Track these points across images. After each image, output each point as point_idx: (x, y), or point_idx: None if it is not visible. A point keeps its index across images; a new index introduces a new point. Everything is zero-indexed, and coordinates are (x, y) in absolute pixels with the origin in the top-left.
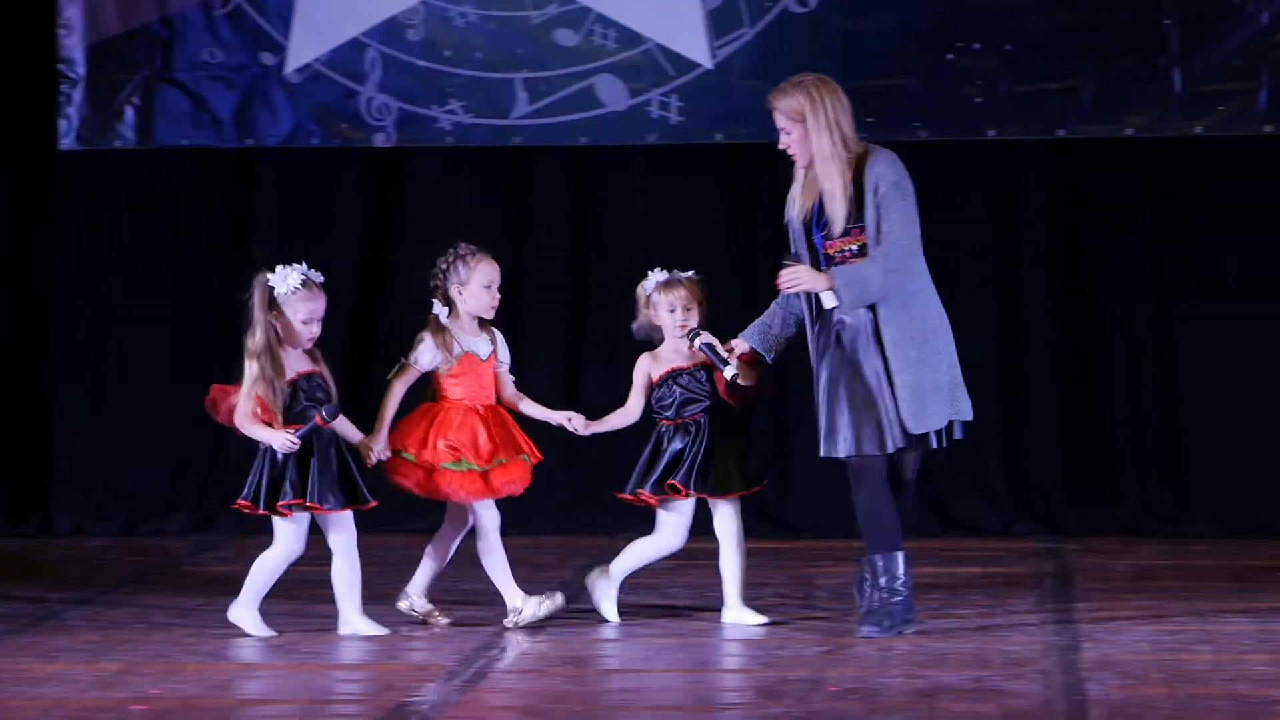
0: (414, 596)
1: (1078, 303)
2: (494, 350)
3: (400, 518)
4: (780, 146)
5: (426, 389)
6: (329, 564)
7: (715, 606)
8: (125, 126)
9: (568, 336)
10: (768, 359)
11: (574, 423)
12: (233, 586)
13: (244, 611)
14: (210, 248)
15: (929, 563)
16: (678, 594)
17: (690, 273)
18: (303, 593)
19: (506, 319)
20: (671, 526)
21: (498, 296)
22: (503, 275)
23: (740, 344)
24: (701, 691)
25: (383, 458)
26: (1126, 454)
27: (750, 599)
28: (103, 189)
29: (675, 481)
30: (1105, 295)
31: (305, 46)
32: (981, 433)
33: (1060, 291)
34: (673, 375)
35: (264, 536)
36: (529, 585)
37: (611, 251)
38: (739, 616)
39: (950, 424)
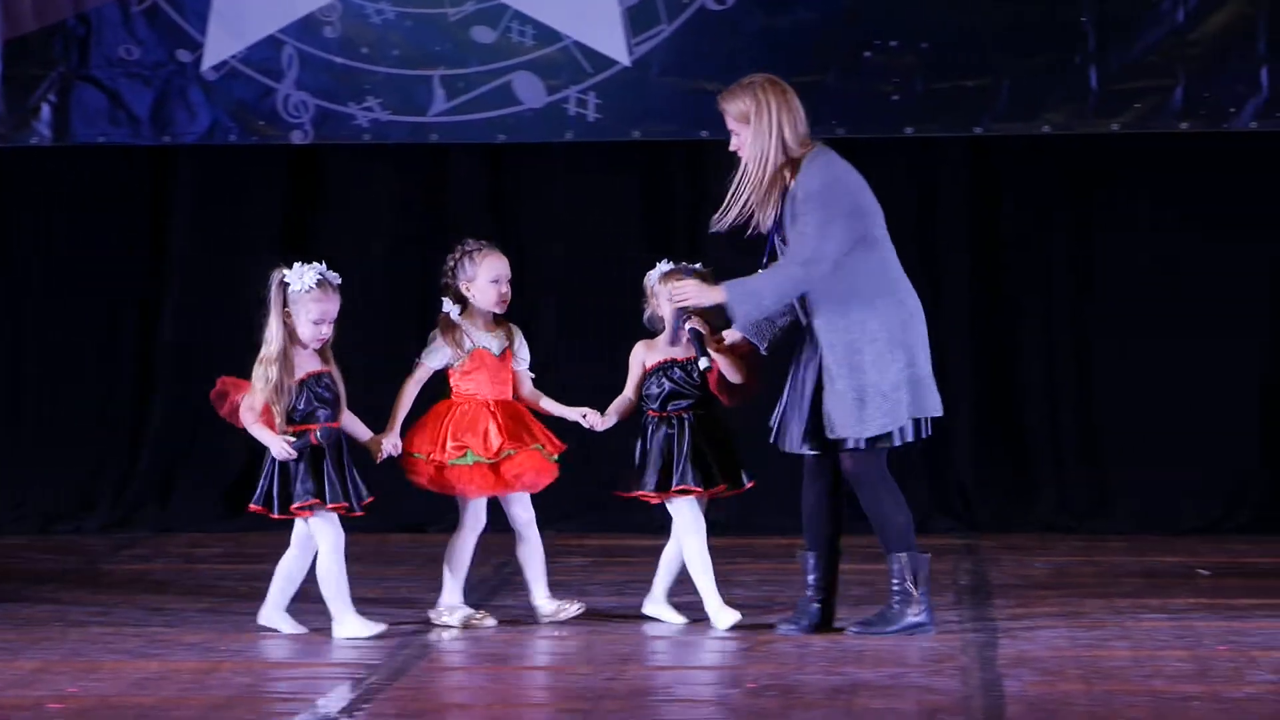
0: (541, 600)
1: (994, 300)
2: (509, 347)
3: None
4: (731, 148)
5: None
6: (245, 561)
7: (637, 604)
8: (41, 124)
9: None
10: (762, 349)
11: (589, 419)
12: (151, 585)
13: (349, 622)
14: (127, 245)
15: (846, 559)
16: (597, 590)
17: (698, 265)
18: (220, 590)
19: (426, 315)
20: (686, 521)
21: (507, 291)
22: (420, 272)
23: (733, 334)
24: (620, 687)
25: (394, 454)
26: (1043, 451)
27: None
28: (19, 186)
29: (689, 485)
30: (1022, 292)
31: (222, 44)
32: None
33: (977, 289)
34: (664, 367)
35: (180, 534)
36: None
37: (529, 249)
38: (662, 612)
39: (917, 421)
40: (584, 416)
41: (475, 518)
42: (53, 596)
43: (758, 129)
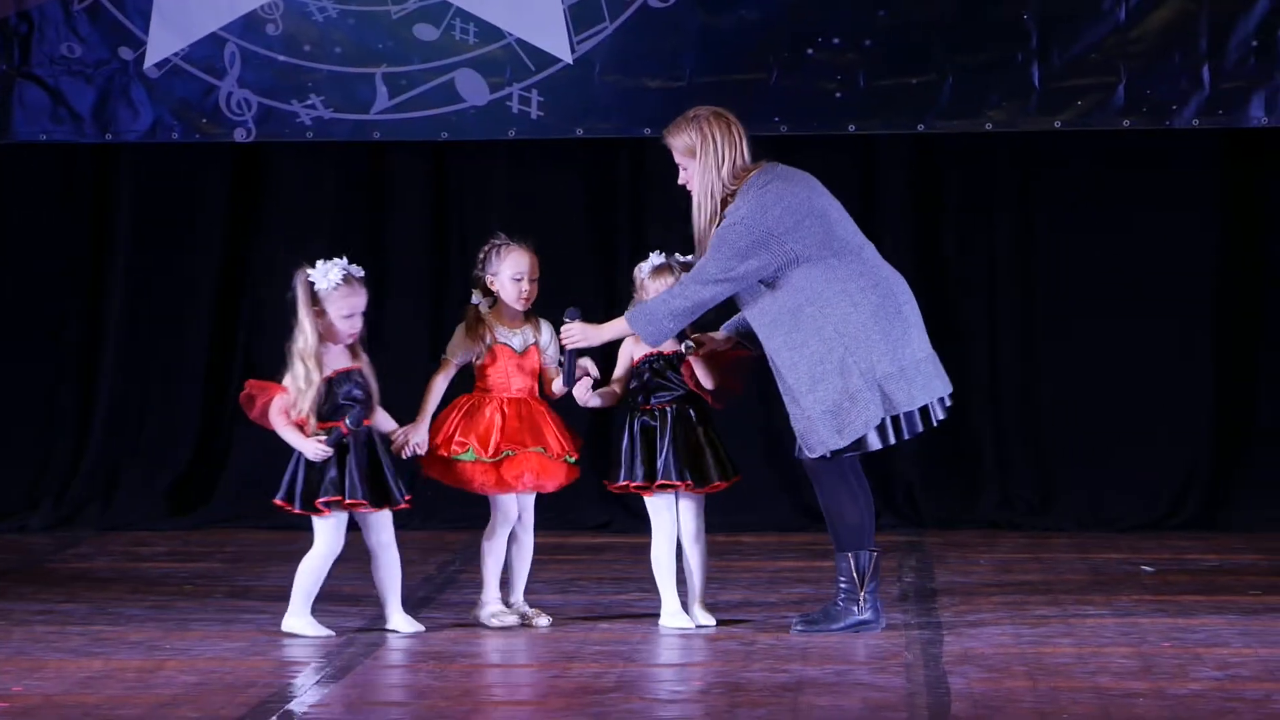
0: (517, 601)
1: (937, 297)
2: (535, 343)
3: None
4: (680, 182)
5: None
6: (189, 560)
7: (581, 602)
8: None
9: (429, 330)
10: (753, 349)
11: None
12: (95, 583)
13: (296, 620)
14: (69, 244)
15: (791, 556)
16: (540, 588)
17: (689, 258)
18: (164, 588)
19: (370, 311)
20: (658, 519)
21: (529, 288)
22: (365, 270)
23: (720, 334)
24: (564, 686)
25: (419, 451)
26: (988, 448)
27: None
28: None
29: (671, 481)
30: (965, 290)
31: (164, 41)
32: None
33: (920, 286)
34: (648, 360)
35: (124, 533)
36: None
37: (472, 246)
38: (701, 618)
39: (896, 419)
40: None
41: (503, 514)
42: None
43: (704, 164)
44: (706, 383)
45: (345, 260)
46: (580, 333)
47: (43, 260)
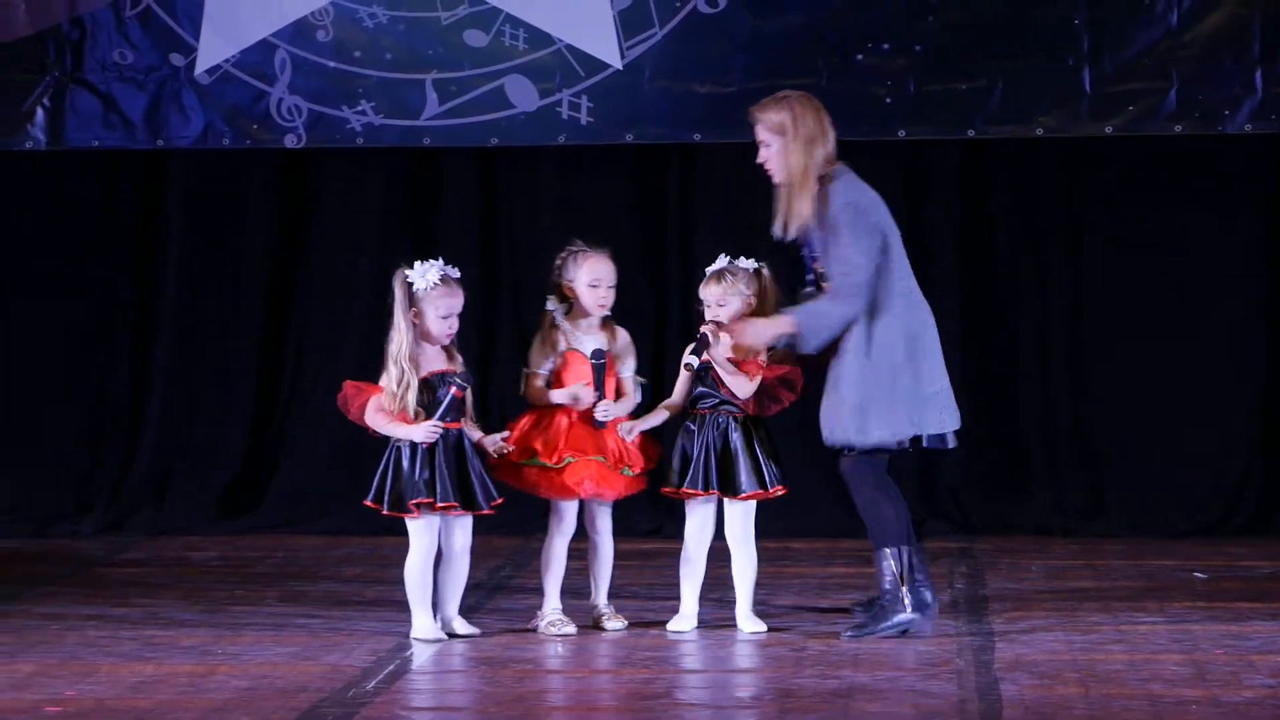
0: (599, 604)
1: (988, 303)
2: (609, 350)
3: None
4: (758, 160)
5: None
6: (240, 564)
7: (628, 608)
8: (36, 128)
9: (478, 338)
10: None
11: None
12: (146, 588)
13: (416, 623)
14: (122, 249)
15: (841, 562)
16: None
17: (751, 262)
18: (215, 593)
19: None
20: (690, 523)
21: (606, 294)
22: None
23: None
24: (616, 691)
25: (505, 453)
26: (1039, 454)
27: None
28: (14, 190)
29: (684, 488)
30: (1015, 295)
31: (215, 48)
32: None
33: (970, 292)
34: (700, 367)
35: (175, 537)
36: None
37: (521, 252)
38: (745, 624)
39: (918, 437)
40: (630, 432)
41: (561, 522)
42: (49, 599)
43: (796, 142)
44: (740, 390)
45: (442, 261)
46: (756, 332)
47: (94, 266)
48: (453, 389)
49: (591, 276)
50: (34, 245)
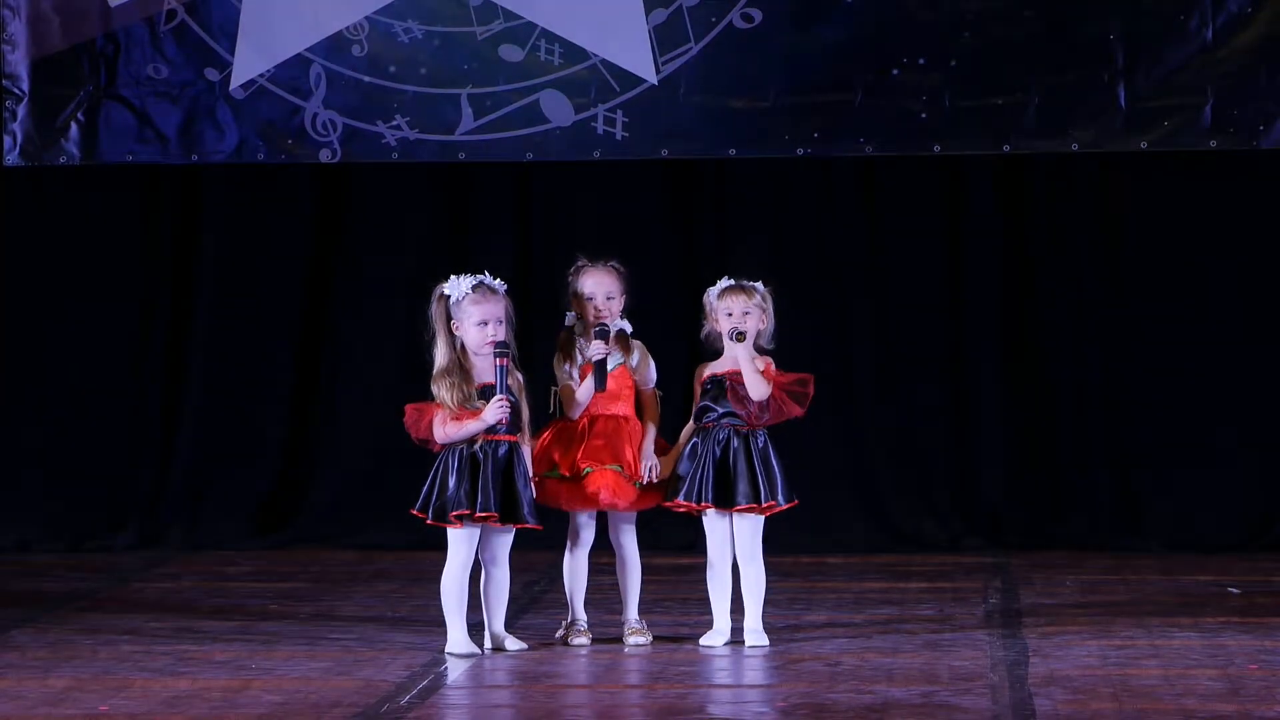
0: (630, 619)
1: (1023, 319)
2: (625, 362)
3: None
4: None
5: None
6: (274, 580)
7: (661, 622)
8: (70, 143)
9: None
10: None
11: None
12: (180, 603)
13: (451, 637)
14: (156, 264)
15: (877, 578)
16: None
17: (758, 284)
18: (249, 608)
19: None
20: (709, 537)
21: (603, 306)
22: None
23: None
24: (649, 707)
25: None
26: (1073, 469)
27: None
28: (48, 204)
29: (680, 501)
30: (1051, 311)
31: (250, 62)
32: (928, 449)
33: (1006, 307)
34: (709, 380)
35: (209, 552)
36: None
37: (556, 266)
38: (751, 639)
39: None
40: (651, 470)
41: (577, 535)
42: (83, 614)
43: None
44: (755, 392)
45: (485, 275)
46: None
47: (128, 281)
48: (498, 360)
49: (588, 290)
50: (70, 260)
